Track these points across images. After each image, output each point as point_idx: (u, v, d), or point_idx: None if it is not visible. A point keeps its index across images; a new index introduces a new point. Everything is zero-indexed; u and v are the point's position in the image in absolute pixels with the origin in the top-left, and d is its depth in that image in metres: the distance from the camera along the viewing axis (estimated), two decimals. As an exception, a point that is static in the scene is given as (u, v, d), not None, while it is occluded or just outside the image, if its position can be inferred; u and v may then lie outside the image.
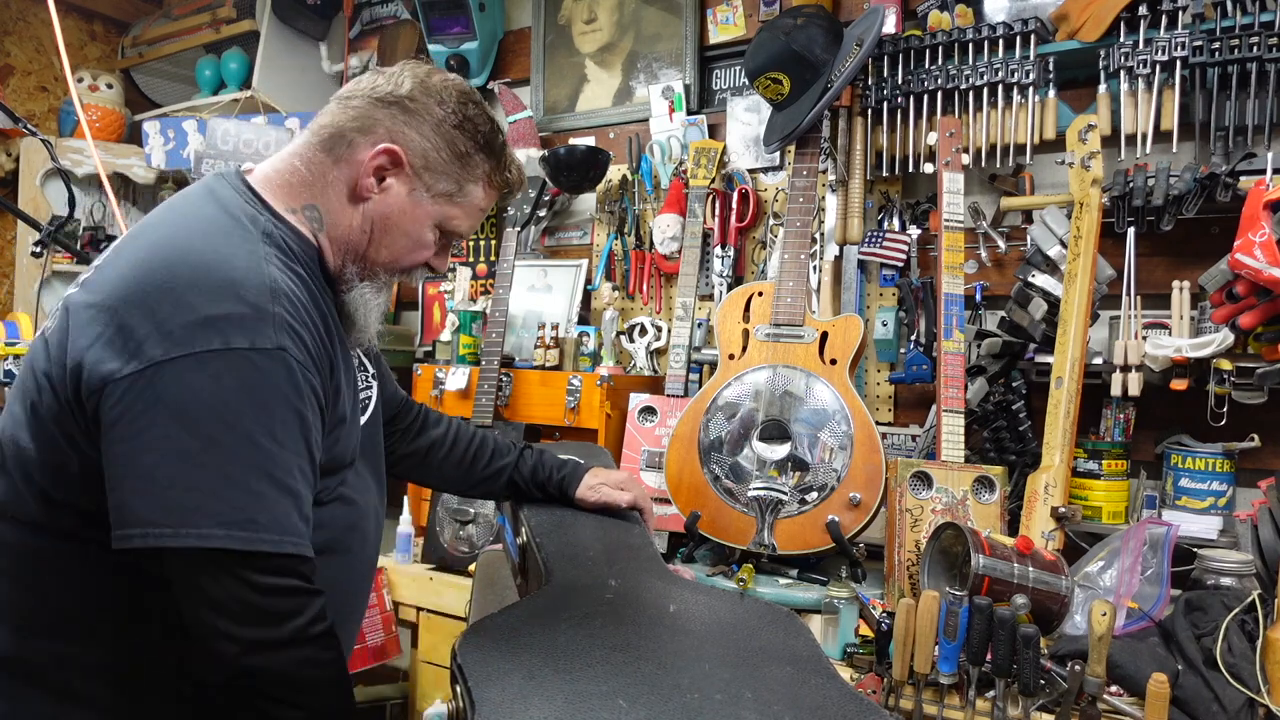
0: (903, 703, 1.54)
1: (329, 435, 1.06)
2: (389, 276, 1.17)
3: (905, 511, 1.88)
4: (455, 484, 1.57)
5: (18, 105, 3.45)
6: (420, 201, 1.13)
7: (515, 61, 3.14)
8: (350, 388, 1.15)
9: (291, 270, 1.04)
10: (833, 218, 2.37)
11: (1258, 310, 1.71)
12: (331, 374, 1.06)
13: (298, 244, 1.09)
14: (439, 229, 1.16)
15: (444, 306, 3.19)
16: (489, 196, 1.19)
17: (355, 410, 1.17)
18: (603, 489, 1.50)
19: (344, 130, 1.11)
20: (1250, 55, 1.83)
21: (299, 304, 1.01)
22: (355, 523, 1.16)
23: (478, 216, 1.20)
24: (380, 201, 1.11)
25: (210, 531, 0.91)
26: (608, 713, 0.87)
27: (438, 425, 1.53)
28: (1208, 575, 1.62)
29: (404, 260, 1.16)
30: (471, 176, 1.15)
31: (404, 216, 1.13)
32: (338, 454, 1.10)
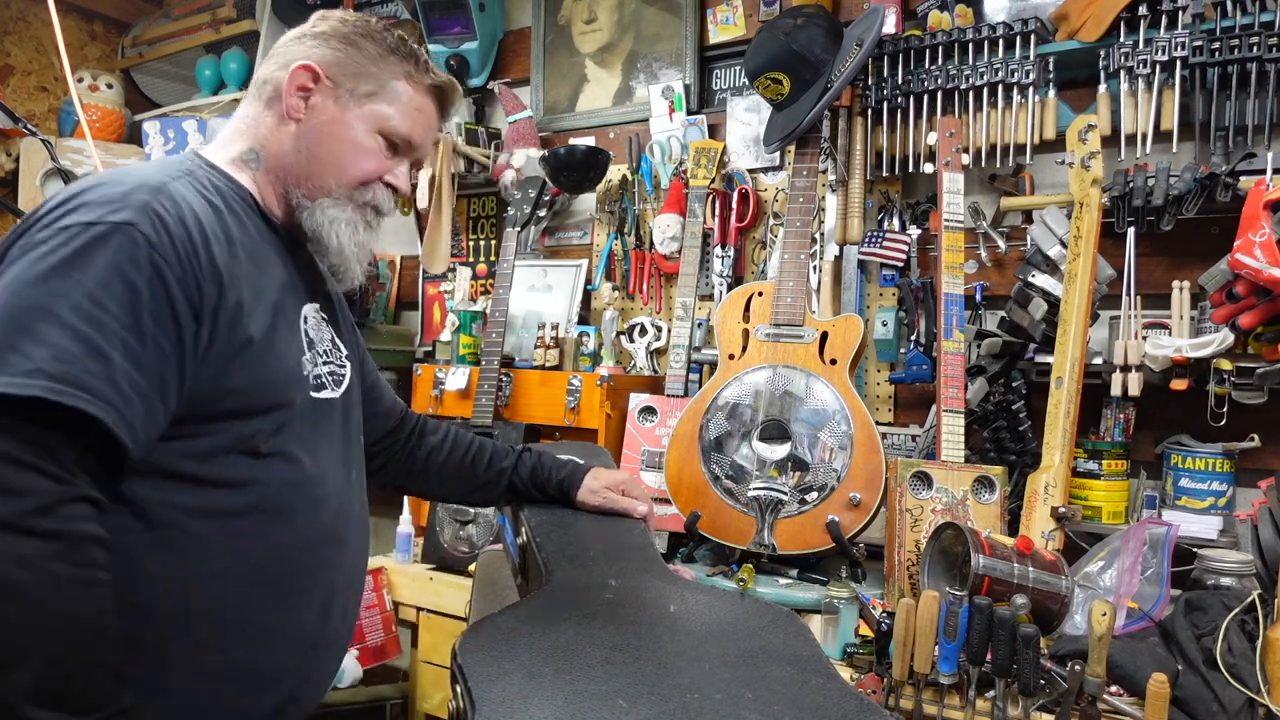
0: (903, 703, 1.54)
1: (232, 359, 1.02)
2: (346, 191, 1.18)
3: (905, 511, 1.88)
4: (455, 491, 1.56)
5: (18, 105, 3.45)
6: (347, 106, 1.16)
7: (515, 61, 3.14)
8: (283, 325, 1.11)
9: (203, 196, 1.06)
10: (833, 218, 2.37)
11: (1258, 310, 1.71)
12: (224, 289, 1.01)
13: (224, 183, 1.12)
14: (379, 133, 1.18)
15: (444, 306, 3.19)
16: (420, 95, 1.21)
17: (293, 354, 1.13)
18: (605, 493, 1.50)
19: (269, 76, 1.18)
20: (1250, 55, 1.83)
21: (185, 206, 1.01)
22: (300, 484, 1.11)
23: (417, 119, 1.21)
24: (310, 119, 1.15)
25: None
26: (608, 713, 0.87)
27: (434, 433, 1.53)
28: (1208, 575, 1.63)
29: (351, 170, 1.17)
30: (392, 74, 1.18)
31: (336, 124, 1.16)
32: (254, 386, 1.05)
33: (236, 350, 1.03)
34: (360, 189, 1.19)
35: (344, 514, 1.19)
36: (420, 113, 1.21)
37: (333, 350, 1.23)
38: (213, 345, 1.01)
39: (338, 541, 1.17)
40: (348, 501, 1.20)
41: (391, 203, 1.25)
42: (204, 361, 1.00)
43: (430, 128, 1.24)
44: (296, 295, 1.17)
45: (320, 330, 1.20)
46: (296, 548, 1.11)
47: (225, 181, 1.13)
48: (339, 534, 1.18)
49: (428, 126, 1.23)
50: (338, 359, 1.24)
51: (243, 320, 1.04)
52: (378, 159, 1.19)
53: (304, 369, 1.14)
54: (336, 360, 1.23)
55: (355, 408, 1.29)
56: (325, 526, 1.15)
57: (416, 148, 1.23)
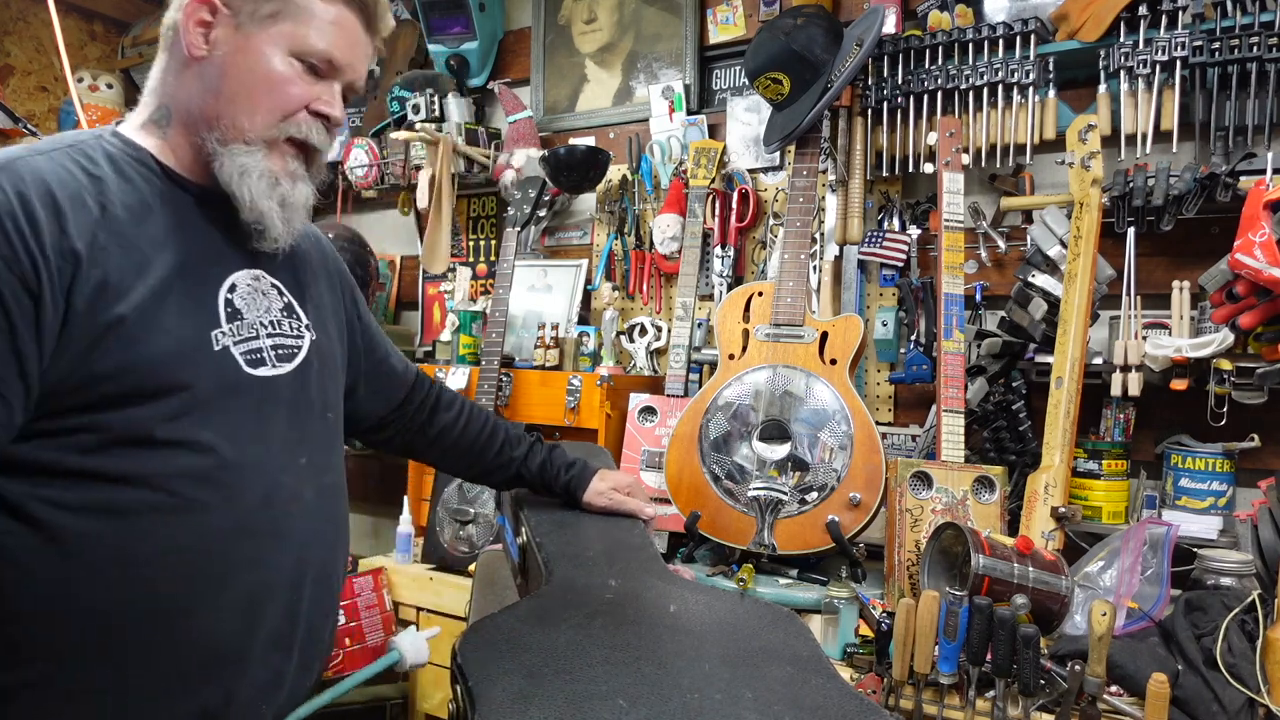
0: (903, 703, 1.54)
1: (98, 341, 0.94)
2: (263, 130, 1.06)
3: (905, 511, 1.88)
4: (461, 469, 1.54)
5: (18, 105, 3.45)
6: (250, 33, 1.05)
7: (515, 61, 3.14)
8: (179, 299, 1.01)
9: (80, 166, 0.99)
10: (833, 218, 2.37)
11: (1258, 310, 1.71)
12: (81, 266, 0.93)
13: (122, 149, 1.04)
14: (293, 55, 1.06)
15: (444, 306, 3.19)
16: (333, 5, 1.08)
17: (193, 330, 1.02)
18: (612, 494, 1.49)
19: (169, 20, 1.09)
20: (1250, 55, 1.83)
21: (31, 181, 0.93)
22: (209, 475, 1.00)
23: (336, 33, 1.08)
24: (213, 55, 1.05)
25: None
26: (608, 713, 0.87)
27: (449, 409, 1.48)
28: (1208, 575, 1.63)
29: (267, 103, 1.05)
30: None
31: (241, 54, 1.05)
32: (128, 369, 0.96)
33: (102, 331, 0.94)
34: (283, 123, 1.07)
35: (280, 504, 1.06)
36: (338, 26, 1.08)
37: (281, 321, 1.12)
38: (68, 328, 0.92)
39: (270, 535, 1.05)
40: (289, 489, 1.08)
41: (324, 135, 1.11)
42: (62, 347, 0.92)
43: (355, 42, 1.11)
44: (217, 263, 1.07)
45: (257, 300, 1.09)
46: (205, 545, 1.00)
47: (124, 148, 1.05)
48: (272, 527, 1.05)
49: (351, 41, 1.10)
50: (288, 331, 1.13)
51: (109, 298, 0.94)
52: (296, 85, 1.06)
53: (214, 344, 1.03)
54: (286, 332, 1.12)
55: (317, 384, 1.16)
56: (248, 520, 1.03)
57: (342, 67, 1.10)
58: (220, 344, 1.04)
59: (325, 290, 1.26)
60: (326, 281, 1.27)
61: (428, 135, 2.83)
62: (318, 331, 1.18)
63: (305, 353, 1.14)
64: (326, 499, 1.14)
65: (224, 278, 1.07)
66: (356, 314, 1.35)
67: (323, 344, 1.19)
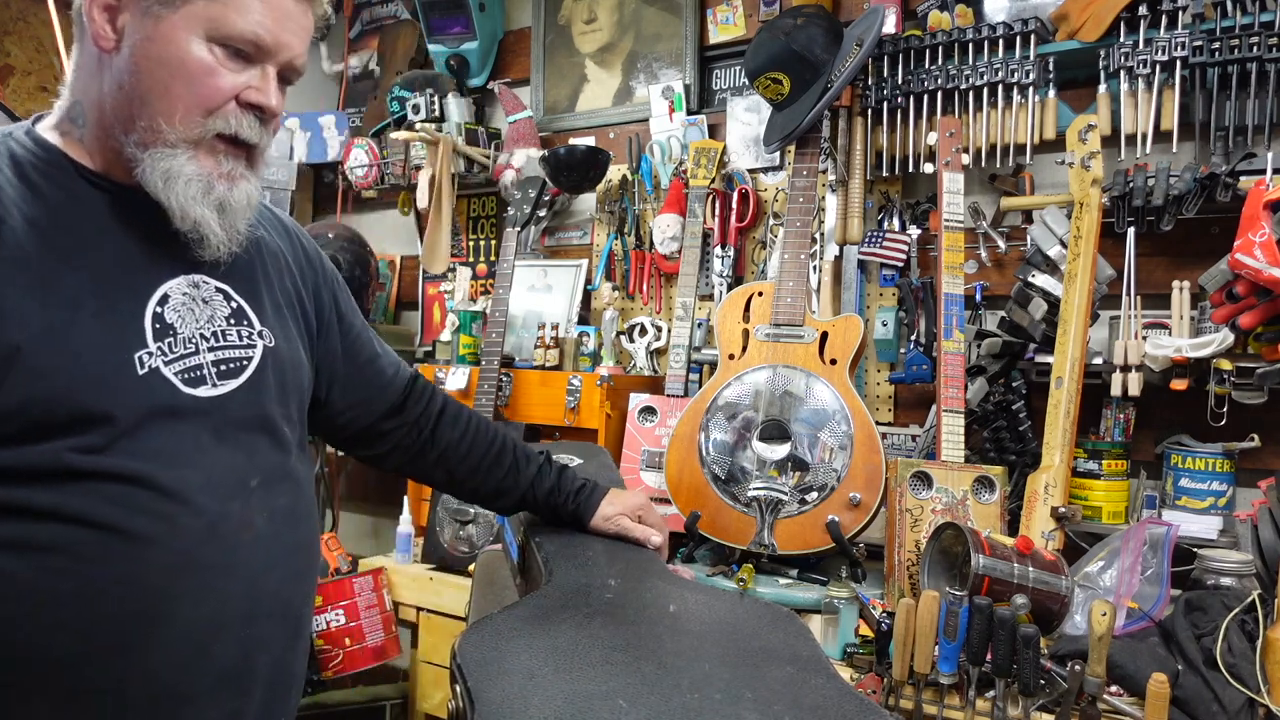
0: (903, 703, 1.54)
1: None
2: (186, 129, 0.94)
3: (905, 511, 1.88)
4: (467, 491, 1.41)
5: (18, 105, 3.44)
6: (160, 16, 0.91)
7: (515, 61, 3.14)
8: (92, 319, 0.92)
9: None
10: (833, 218, 2.37)
11: (1258, 310, 1.71)
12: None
13: (31, 151, 0.95)
14: (211, 40, 0.93)
15: (444, 306, 3.19)
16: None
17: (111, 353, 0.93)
18: (620, 519, 1.37)
19: (75, 7, 0.96)
20: (1250, 55, 1.83)
21: None
22: (140, 507, 0.91)
23: (258, 7, 0.94)
24: (121, 46, 0.93)
25: None
26: (608, 713, 0.87)
27: (454, 426, 1.34)
28: (1208, 575, 1.62)
29: (187, 99, 0.93)
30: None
31: (152, 44, 0.92)
32: (30, 404, 0.87)
33: (8, 354, 0.85)
34: (208, 120, 0.94)
35: (228, 534, 0.97)
36: (263, 1, 0.94)
37: (227, 331, 1.02)
38: None
39: (217, 566, 0.96)
40: (238, 517, 0.99)
41: (256, 128, 0.98)
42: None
43: (285, 15, 0.96)
44: (145, 271, 0.97)
45: (195, 310, 0.99)
46: (140, 581, 0.91)
47: (34, 149, 0.95)
48: (218, 558, 0.96)
49: (280, 15, 0.96)
50: (235, 341, 1.02)
51: (3, 326, 0.86)
52: (219, 74, 0.93)
53: (138, 366, 0.93)
54: (232, 343, 1.02)
55: (272, 397, 1.05)
56: (188, 551, 0.94)
57: (272, 48, 0.96)
58: (147, 365, 0.94)
59: (291, 286, 1.15)
60: (297, 277, 1.17)
61: (428, 135, 2.83)
62: (276, 336, 1.07)
63: (256, 364, 1.04)
64: (282, 524, 1.04)
65: (153, 288, 0.97)
66: (336, 313, 1.23)
67: (281, 350, 1.08)
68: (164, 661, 0.94)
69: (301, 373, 1.13)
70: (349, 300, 1.28)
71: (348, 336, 1.25)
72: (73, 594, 0.89)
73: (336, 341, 1.23)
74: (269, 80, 0.97)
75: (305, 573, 1.12)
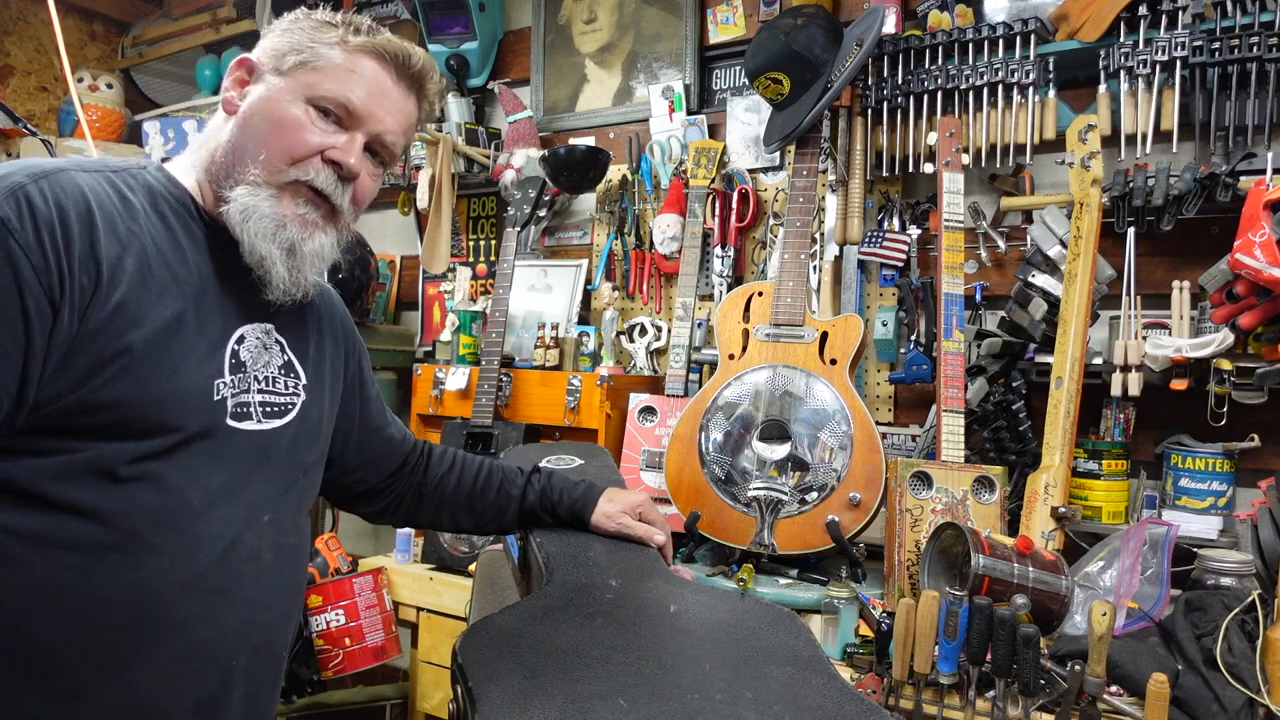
0: (903, 703, 1.54)
1: (103, 367, 0.91)
2: (268, 174, 1.04)
3: (905, 511, 1.88)
4: (465, 521, 1.45)
5: (18, 105, 3.45)
6: (274, 84, 1.06)
7: (515, 61, 3.14)
8: (186, 340, 0.99)
9: (117, 189, 0.99)
10: (833, 218, 2.37)
11: (1258, 310, 1.71)
12: (103, 282, 0.92)
13: (163, 183, 1.05)
14: (308, 102, 1.05)
15: (444, 306, 3.19)
16: (353, 56, 1.07)
17: (197, 375, 1.00)
18: (621, 517, 1.39)
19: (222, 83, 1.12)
20: (1250, 55, 1.83)
21: (73, 192, 0.93)
22: (168, 517, 0.96)
23: (354, 80, 1.06)
24: (241, 110, 1.07)
25: None
26: (608, 712, 0.87)
27: (441, 463, 1.43)
28: (1208, 575, 1.63)
29: (277, 147, 1.04)
30: (322, 43, 1.06)
31: (263, 103, 1.06)
32: (129, 404, 0.93)
33: (109, 358, 0.92)
34: (291, 167, 1.05)
35: (237, 562, 1.02)
36: (355, 74, 1.06)
37: (277, 379, 1.10)
38: (78, 344, 0.90)
39: (220, 592, 1.00)
40: (248, 546, 1.04)
41: (333, 181, 1.07)
42: (64, 365, 0.90)
43: (380, 93, 1.08)
44: (234, 312, 1.06)
45: (260, 355, 1.08)
46: (153, 593, 0.95)
47: (165, 183, 1.05)
48: (223, 584, 1.01)
49: (374, 91, 1.08)
50: (283, 389, 1.11)
51: (122, 323, 0.93)
52: (309, 130, 1.05)
53: (214, 394, 1.01)
54: (280, 390, 1.10)
55: (298, 445, 1.13)
56: (199, 573, 0.98)
57: (362, 116, 1.07)
58: (220, 394, 1.02)
59: (330, 351, 1.23)
60: (332, 342, 1.25)
61: (428, 135, 2.83)
62: (311, 393, 1.16)
63: (294, 414, 1.12)
64: (285, 561, 1.10)
65: (235, 328, 1.06)
66: (360, 379, 1.33)
67: (312, 406, 1.16)
68: (152, 678, 0.96)
69: (324, 432, 1.21)
70: (370, 369, 1.38)
71: (366, 403, 1.34)
72: (85, 597, 0.92)
73: (356, 407, 1.32)
74: (354, 144, 1.07)
75: (291, 615, 1.17)
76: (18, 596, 0.90)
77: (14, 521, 0.90)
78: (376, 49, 1.08)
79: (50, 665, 0.91)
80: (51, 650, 0.91)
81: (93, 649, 0.93)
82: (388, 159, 1.13)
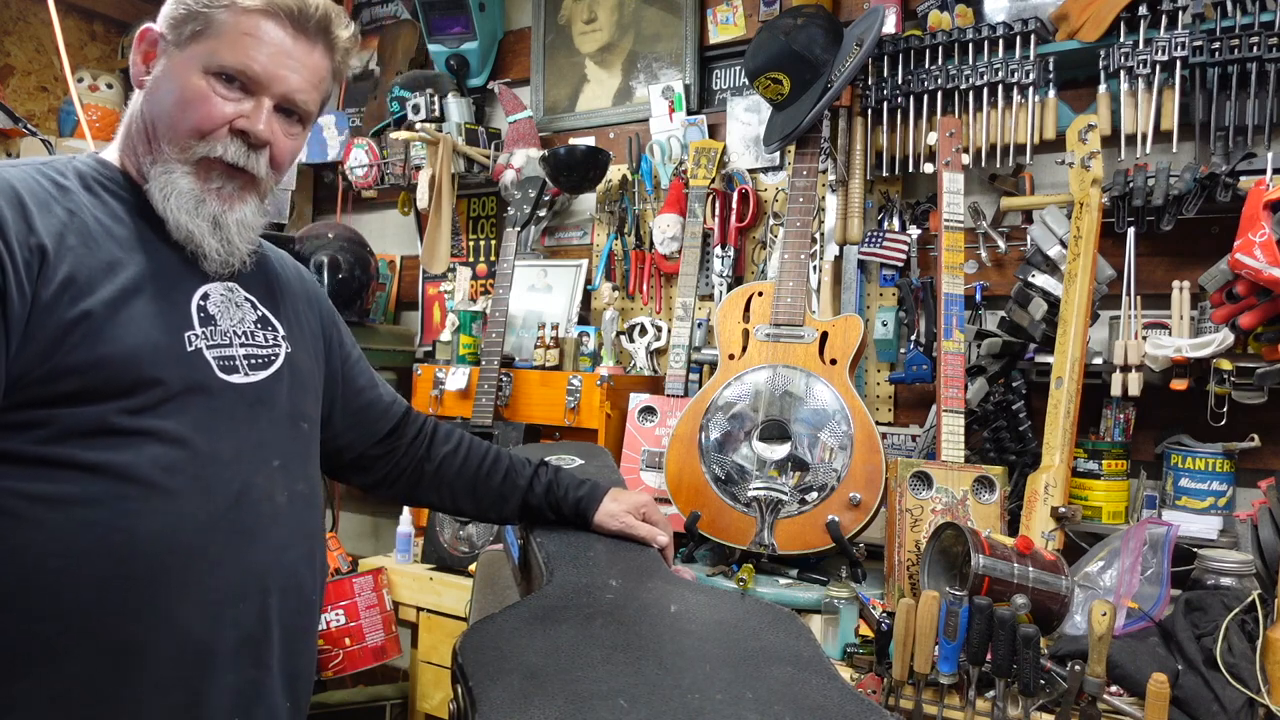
0: (903, 703, 1.54)
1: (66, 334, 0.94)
2: (179, 152, 1.04)
3: (905, 511, 1.88)
4: (465, 506, 1.44)
5: (18, 105, 3.45)
6: (173, 55, 1.05)
7: (515, 61, 3.14)
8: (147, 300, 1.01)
9: (48, 178, 1.01)
10: (833, 218, 2.37)
11: (1258, 310, 1.71)
12: (48, 261, 0.94)
13: (93, 167, 1.07)
14: (206, 71, 1.04)
15: (444, 306, 3.19)
16: (248, 18, 1.04)
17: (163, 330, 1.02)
18: (625, 517, 1.38)
19: None
20: (1250, 55, 1.83)
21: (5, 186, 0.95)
22: (180, 465, 0.99)
23: (250, 44, 1.04)
24: (148, 82, 1.08)
25: None
26: (609, 712, 0.87)
27: (447, 442, 1.42)
28: (1208, 575, 1.63)
29: (184, 123, 1.04)
30: (216, 7, 1.04)
31: (165, 78, 1.06)
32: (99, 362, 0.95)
33: (69, 325, 0.94)
34: (200, 143, 1.04)
35: (252, 503, 1.05)
36: (251, 37, 1.04)
37: (255, 333, 1.12)
38: (34, 320, 0.93)
39: (242, 532, 1.04)
40: (261, 489, 1.07)
41: (244, 152, 1.07)
42: (27, 339, 0.92)
43: (280, 52, 1.06)
44: (190, 275, 1.07)
45: (230, 310, 1.10)
46: (175, 535, 0.98)
47: (96, 166, 1.07)
48: (243, 524, 1.04)
49: (273, 51, 1.05)
50: (264, 341, 1.13)
51: (75, 293, 0.95)
52: (212, 102, 1.04)
53: (186, 345, 1.03)
54: (261, 343, 1.13)
55: (291, 393, 1.15)
56: (218, 514, 1.02)
57: (263, 79, 1.05)
58: (193, 345, 1.04)
59: (304, 310, 1.25)
60: (305, 302, 1.26)
61: (428, 135, 2.83)
62: (293, 345, 1.18)
63: (280, 363, 1.14)
64: (299, 507, 1.12)
65: (196, 286, 1.08)
66: (339, 340, 1.33)
67: (297, 358, 1.18)
68: (191, 618, 0.99)
69: (315, 382, 1.23)
70: (347, 330, 1.39)
71: (347, 363, 1.34)
72: (109, 548, 0.94)
73: (338, 365, 1.32)
74: (260, 110, 1.06)
75: (315, 557, 1.17)
76: (44, 558, 0.92)
77: (25, 485, 0.92)
78: (269, 7, 1.05)
79: (88, 621, 0.94)
80: (91, 608, 0.94)
81: (127, 599, 0.95)
82: (304, 116, 1.12)
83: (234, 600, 1.03)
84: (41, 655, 0.92)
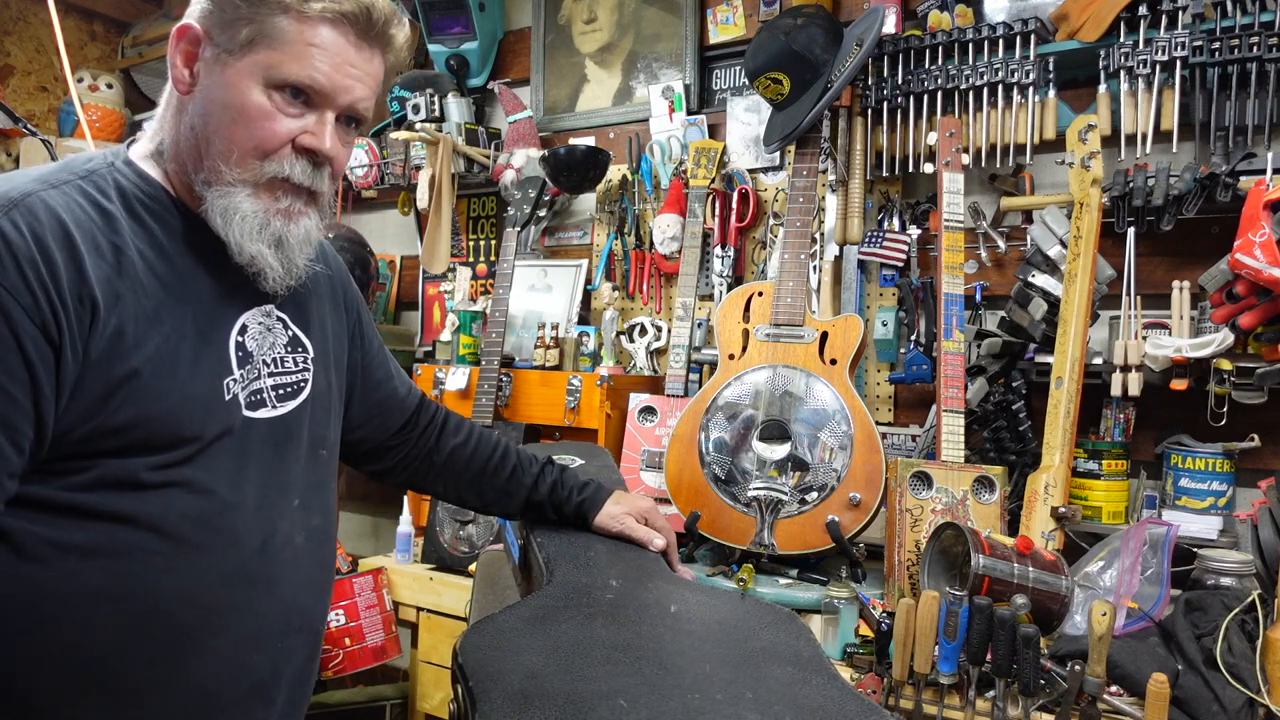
0: (903, 703, 1.54)
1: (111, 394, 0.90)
2: (241, 172, 0.98)
3: (905, 511, 1.88)
4: (471, 499, 1.44)
5: (18, 105, 3.45)
6: (227, 64, 0.96)
7: (515, 61, 3.14)
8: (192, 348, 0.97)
9: (93, 201, 0.94)
10: (833, 218, 2.37)
11: (1258, 310, 1.71)
12: (99, 313, 0.89)
13: (134, 181, 1.00)
14: (268, 85, 0.96)
15: (444, 306, 3.19)
16: (310, 27, 0.96)
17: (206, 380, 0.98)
18: (625, 519, 1.38)
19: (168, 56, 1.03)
20: (1250, 55, 1.83)
21: (48, 219, 0.88)
22: (206, 518, 0.97)
23: (315, 55, 0.97)
24: (195, 91, 0.99)
25: None
26: (608, 713, 0.87)
27: (457, 433, 1.40)
28: (1208, 575, 1.63)
29: (242, 140, 0.97)
30: (270, 10, 0.95)
31: (218, 90, 0.97)
32: (142, 423, 0.92)
33: (116, 385, 0.90)
34: (264, 163, 0.98)
35: (274, 550, 1.04)
36: (319, 48, 0.96)
37: (285, 358, 1.09)
38: (85, 374, 0.89)
39: (264, 582, 1.03)
40: (284, 534, 1.05)
41: (308, 172, 1.01)
42: (75, 396, 0.88)
43: (345, 62, 0.99)
44: (231, 303, 1.03)
45: (264, 339, 1.06)
46: (200, 590, 0.97)
47: (137, 181, 1.00)
48: (265, 573, 1.03)
49: (339, 61, 0.98)
50: (292, 367, 1.09)
51: (124, 349, 0.91)
52: (276, 119, 0.97)
53: (225, 393, 0.99)
54: (290, 369, 1.09)
55: (314, 420, 1.13)
56: (243, 566, 1.00)
57: (330, 93, 0.98)
58: (230, 393, 1.00)
59: (330, 312, 1.21)
60: (331, 301, 1.23)
61: (428, 135, 2.83)
62: (319, 364, 1.14)
63: (307, 392, 1.11)
64: (316, 543, 1.11)
65: (236, 319, 1.03)
66: (360, 332, 1.30)
67: (322, 377, 1.14)
68: (208, 671, 0.98)
69: (337, 399, 1.20)
70: (369, 318, 1.34)
71: (367, 354, 1.31)
72: (133, 602, 0.93)
73: (359, 357, 1.29)
74: (325, 125, 1.00)
75: (327, 589, 1.19)
76: (67, 607, 0.90)
77: (54, 534, 0.90)
78: (334, 15, 0.97)
79: (109, 673, 0.93)
80: (107, 657, 0.92)
81: (147, 651, 0.94)
82: (361, 121, 1.07)
83: (250, 650, 1.02)
84: (50, 703, 0.91)
